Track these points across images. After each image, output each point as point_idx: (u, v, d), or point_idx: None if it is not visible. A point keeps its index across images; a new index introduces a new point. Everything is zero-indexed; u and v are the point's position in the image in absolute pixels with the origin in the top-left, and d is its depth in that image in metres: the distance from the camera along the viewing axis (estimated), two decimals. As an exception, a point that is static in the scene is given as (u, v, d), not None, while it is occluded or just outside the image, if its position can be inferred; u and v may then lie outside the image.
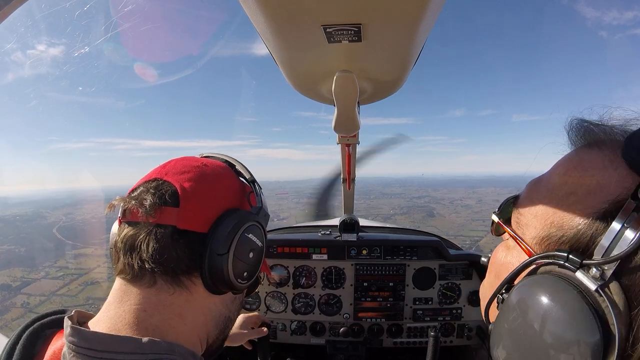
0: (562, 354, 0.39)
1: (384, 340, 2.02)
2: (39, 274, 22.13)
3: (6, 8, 0.62)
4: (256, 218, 0.70)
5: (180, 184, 0.64)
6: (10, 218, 32.85)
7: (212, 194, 0.66)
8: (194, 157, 0.74)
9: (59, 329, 0.65)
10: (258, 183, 0.79)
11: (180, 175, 0.65)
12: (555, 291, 0.41)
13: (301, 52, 0.68)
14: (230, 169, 0.76)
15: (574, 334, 0.38)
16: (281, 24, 0.57)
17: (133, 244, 0.61)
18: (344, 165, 1.59)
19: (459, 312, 1.97)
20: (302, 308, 2.01)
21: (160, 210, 0.61)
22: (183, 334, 0.63)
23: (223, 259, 0.62)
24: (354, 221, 1.99)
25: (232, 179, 0.74)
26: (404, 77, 0.81)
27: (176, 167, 0.67)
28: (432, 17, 0.57)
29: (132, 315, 0.59)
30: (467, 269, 1.98)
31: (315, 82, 0.81)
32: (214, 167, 0.72)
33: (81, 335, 0.54)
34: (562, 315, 0.39)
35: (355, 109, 0.85)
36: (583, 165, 0.46)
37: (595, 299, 0.38)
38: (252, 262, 0.69)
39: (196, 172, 0.67)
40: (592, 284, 0.38)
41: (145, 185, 0.65)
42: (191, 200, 0.63)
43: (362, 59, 0.70)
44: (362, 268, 1.98)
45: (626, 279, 0.37)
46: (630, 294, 0.37)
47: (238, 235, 0.64)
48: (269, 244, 2.00)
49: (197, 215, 0.63)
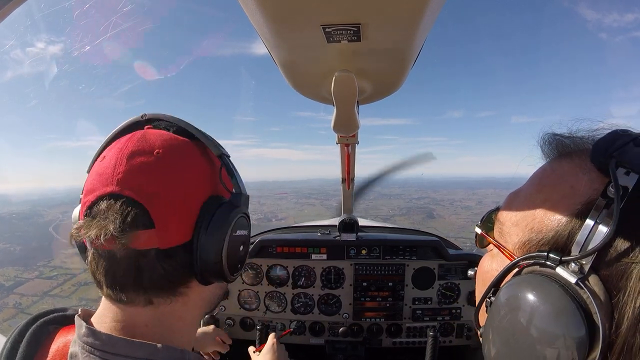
0: (549, 347, 0.41)
1: (383, 340, 2.02)
2: (32, 274, 21.81)
3: (6, 7, 0.62)
4: (241, 211, 0.63)
5: (146, 198, 0.54)
6: (6, 216, 32.68)
7: (183, 195, 0.57)
8: (144, 142, 0.58)
9: (62, 326, 0.65)
10: (227, 153, 0.66)
11: (139, 182, 0.54)
12: (538, 287, 0.43)
13: (300, 52, 0.68)
14: (189, 143, 0.62)
15: (559, 326, 0.40)
16: (280, 23, 0.57)
17: (114, 276, 0.56)
18: (343, 165, 1.59)
19: (458, 312, 1.98)
20: (302, 308, 2.01)
21: (135, 236, 0.53)
22: (187, 334, 0.63)
23: (217, 266, 0.59)
24: (353, 221, 2.00)
25: (198, 159, 0.62)
26: (403, 77, 0.81)
27: (131, 171, 0.55)
28: (432, 17, 0.57)
29: (133, 330, 0.57)
30: (467, 268, 1.98)
31: (314, 82, 0.81)
32: (172, 152, 0.59)
33: (96, 336, 0.54)
34: (546, 309, 0.41)
35: (355, 108, 0.85)
36: (556, 173, 0.49)
37: (576, 292, 0.41)
38: (244, 252, 0.67)
39: (156, 171, 0.56)
40: (572, 277, 0.41)
41: (103, 202, 0.54)
42: (165, 213, 0.55)
43: (362, 59, 0.70)
44: (361, 268, 1.98)
45: (604, 271, 0.40)
46: (609, 285, 0.40)
47: (227, 240, 0.59)
48: (268, 244, 2.00)
49: (176, 228, 0.56)
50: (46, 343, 0.62)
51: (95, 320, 0.60)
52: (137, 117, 0.65)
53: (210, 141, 0.64)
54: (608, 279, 0.40)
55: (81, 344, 0.55)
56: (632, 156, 0.41)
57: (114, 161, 0.56)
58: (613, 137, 0.44)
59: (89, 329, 0.55)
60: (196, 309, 0.65)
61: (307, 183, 77.91)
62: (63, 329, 0.65)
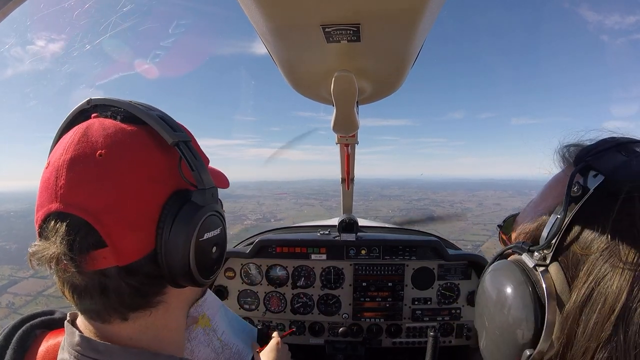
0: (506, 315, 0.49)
1: (383, 340, 2.02)
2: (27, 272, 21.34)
3: (5, 8, 0.62)
4: (205, 210, 0.55)
5: (92, 214, 0.48)
6: (4, 214, 32.46)
7: (136, 200, 0.50)
8: (86, 143, 0.51)
9: (49, 330, 0.64)
10: (185, 139, 0.55)
11: (82, 197, 0.48)
12: (503, 268, 0.53)
13: (300, 52, 0.68)
14: (138, 132, 0.54)
15: (514, 300, 0.48)
16: (280, 23, 0.57)
17: (81, 298, 0.52)
18: (343, 165, 1.59)
19: (457, 312, 1.97)
20: (301, 308, 2.01)
21: (90, 257, 0.48)
22: (174, 343, 0.61)
23: (186, 274, 0.54)
24: (352, 221, 2.00)
25: (149, 153, 0.53)
26: (403, 77, 0.81)
27: (72, 183, 0.49)
28: (431, 18, 0.58)
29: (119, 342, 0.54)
30: (466, 269, 1.98)
31: (314, 82, 0.81)
32: (117, 149, 0.51)
33: (91, 345, 0.53)
34: (505, 286, 0.50)
35: (354, 109, 0.85)
36: (553, 179, 0.57)
37: (534, 275, 0.47)
38: (218, 254, 0.60)
39: (99, 179, 0.49)
40: (531, 262, 0.48)
41: (50, 221, 0.49)
42: (117, 227, 0.49)
43: (361, 59, 0.70)
44: (361, 268, 1.98)
45: (564, 260, 0.46)
46: (569, 272, 0.45)
47: (192, 247, 0.53)
48: (268, 244, 2.00)
49: (133, 241, 0.50)
50: (33, 348, 0.61)
51: (82, 325, 0.57)
52: (84, 104, 0.57)
53: (163, 127, 0.53)
54: (567, 267, 0.45)
55: (74, 352, 0.53)
56: (603, 161, 0.45)
57: (55, 172, 0.50)
58: (597, 144, 0.49)
59: (82, 337, 0.53)
60: (179, 311, 0.62)
61: (307, 183, 77.61)
62: (50, 333, 0.63)
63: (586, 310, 0.41)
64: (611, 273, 0.40)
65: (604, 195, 0.43)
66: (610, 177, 0.43)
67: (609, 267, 0.40)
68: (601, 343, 0.39)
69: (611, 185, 0.43)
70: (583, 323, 0.41)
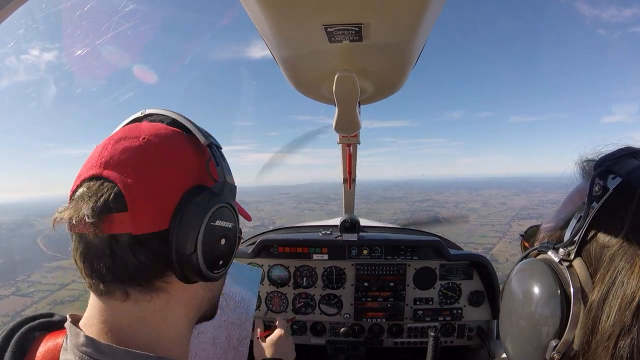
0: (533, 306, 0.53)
1: (385, 340, 2.02)
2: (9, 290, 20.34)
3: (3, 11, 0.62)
4: (221, 200, 0.60)
5: (123, 178, 0.54)
6: (-10, 226, 31.52)
7: (164, 180, 0.57)
8: (135, 130, 0.60)
9: (48, 332, 0.64)
10: (217, 144, 0.65)
11: (122, 165, 0.55)
12: (530, 265, 0.57)
13: (302, 52, 0.69)
14: (180, 133, 0.63)
15: (541, 291, 0.52)
16: (282, 23, 0.58)
17: (91, 263, 0.55)
18: (345, 165, 1.60)
19: (459, 312, 1.97)
20: (303, 308, 2.02)
21: (108, 219, 0.52)
22: (173, 341, 0.61)
23: (192, 258, 0.56)
24: (354, 221, 2.00)
25: (185, 148, 0.61)
26: (405, 77, 0.82)
27: (115, 154, 0.56)
28: (433, 17, 0.58)
29: (118, 333, 0.56)
30: (468, 269, 1.98)
31: (316, 82, 0.82)
32: (159, 139, 0.59)
33: (96, 346, 0.53)
34: (532, 281, 0.54)
35: (356, 109, 0.86)
36: (573, 191, 0.61)
37: (559, 269, 0.51)
38: (226, 248, 0.63)
39: (139, 155, 0.56)
40: (556, 257, 0.52)
41: (84, 185, 0.55)
42: (141, 197, 0.54)
43: (363, 59, 0.71)
44: (362, 268, 1.99)
45: (587, 256, 0.49)
46: (592, 267, 0.48)
47: (202, 229, 0.57)
48: (270, 244, 2.01)
49: (152, 213, 0.54)
50: (32, 350, 0.61)
51: (83, 325, 0.58)
52: (138, 114, 0.67)
53: (200, 131, 0.63)
54: (590, 262, 0.49)
55: (79, 353, 0.53)
56: (621, 165, 0.51)
57: (101, 146, 0.58)
58: (614, 152, 0.54)
59: (87, 338, 0.54)
60: (180, 309, 0.62)
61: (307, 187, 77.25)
62: (49, 335, 0.63)
63: (609, 300, 0.44)
64: (629, 265, 0.43)
65: (622, 195, 0.47)
66: (626, 179, 0.48)
67: (628, 259, 0.44)
68: (624, 328, 0.42)
69: (628, 186, 0.47)
70: (606, 311, 0.44)
